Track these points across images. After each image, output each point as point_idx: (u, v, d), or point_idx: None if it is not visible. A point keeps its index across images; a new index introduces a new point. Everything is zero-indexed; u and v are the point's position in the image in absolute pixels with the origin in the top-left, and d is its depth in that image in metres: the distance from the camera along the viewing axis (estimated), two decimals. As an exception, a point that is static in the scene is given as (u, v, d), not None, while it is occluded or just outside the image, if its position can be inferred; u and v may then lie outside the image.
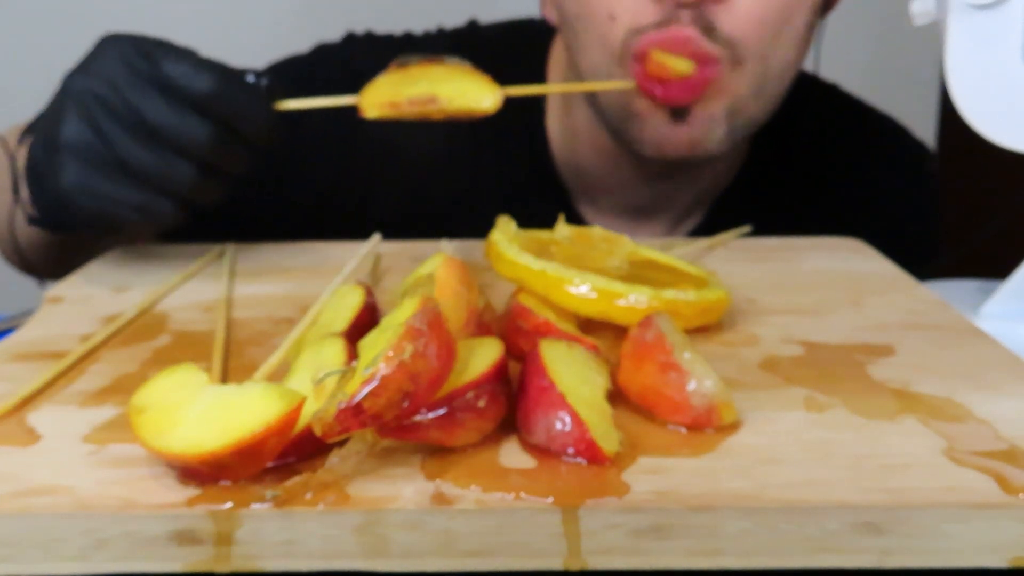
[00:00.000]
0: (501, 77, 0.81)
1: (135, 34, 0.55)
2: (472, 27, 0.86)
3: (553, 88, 0.60)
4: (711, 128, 0.66)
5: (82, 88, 0.53)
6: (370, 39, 0.85)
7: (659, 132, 0.66)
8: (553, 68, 0.80)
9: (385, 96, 0.56)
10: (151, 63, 0.52)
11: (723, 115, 0.66)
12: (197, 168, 0.53)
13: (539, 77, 0.80)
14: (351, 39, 0.85)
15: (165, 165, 0.52)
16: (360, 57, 0.82)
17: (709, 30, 0.62)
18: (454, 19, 0.87)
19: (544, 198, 0.78)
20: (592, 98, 0.69)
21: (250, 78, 0.55)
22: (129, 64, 0.52)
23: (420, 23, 0.88)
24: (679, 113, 0.65)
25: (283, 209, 0.72)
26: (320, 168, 0.62)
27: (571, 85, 0.60)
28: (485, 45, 0.83)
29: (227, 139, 0.53)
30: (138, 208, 0.53)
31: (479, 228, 0.61)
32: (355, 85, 0.80)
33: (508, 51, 0.82)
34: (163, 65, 0.52)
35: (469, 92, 0.55)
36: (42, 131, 0.55)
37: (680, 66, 0.62)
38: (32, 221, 0.59)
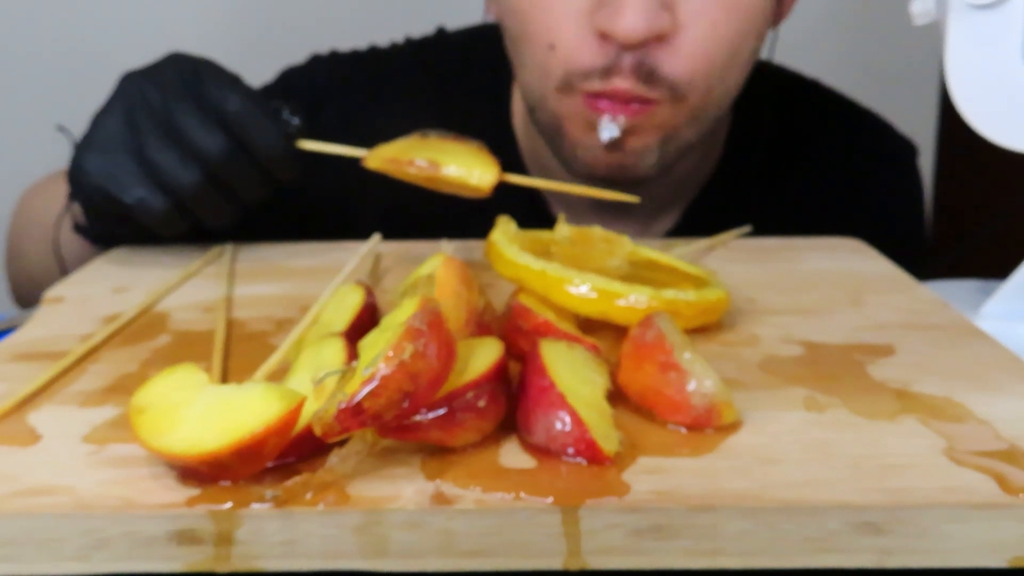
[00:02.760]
0: (467, 83, 0.81)
1: (197, 55, 0.61)
2: (440, 35, 0.86)
3: (551, 185, 0.61)
4: (643, 156, 0.66)
5: (133, 86, 0.59)
6: (334, 57, 0.85)
7: (590, 155, 0.66)
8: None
9: (390, 153, 0.58)
10: (197, 77, 0.58)
11: (657, 145, 0.66)
12: (203, 176, 0.57)
13: (504, 85, 0.81)
14: (315, 59, 0.86)
15: (174, 164, 0.57)
16: (324, 76, 0.83)
17: (650, 76, 0.61)
18: (424, 26, 0.88)
19: (517, 201, 0.78)
20: (532, 114, 0.70)
21: (285, 112, 0.59)
22: (180, 74, 0.58)
23: (390, 31, 0.88)
24: (614, 144, 0.64)
25: (276, 212, 0.72)
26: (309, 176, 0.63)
27: (572, 187, 0.60)
28: (452, 52, 0.83)
29: (239, 157, 0.57)
30: (138, 197, 0.57)
31: (458, 234, 0.61)
32: (320, 104, 0.81)
33: (474, 57, 0.82)
34: (204, 80, 0.58)
35: (469, 168, 0.56)
36: (92, 118, 0.60)
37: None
38: (77, 228, 0.64)
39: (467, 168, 0.56)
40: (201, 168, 0.57)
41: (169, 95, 0.57)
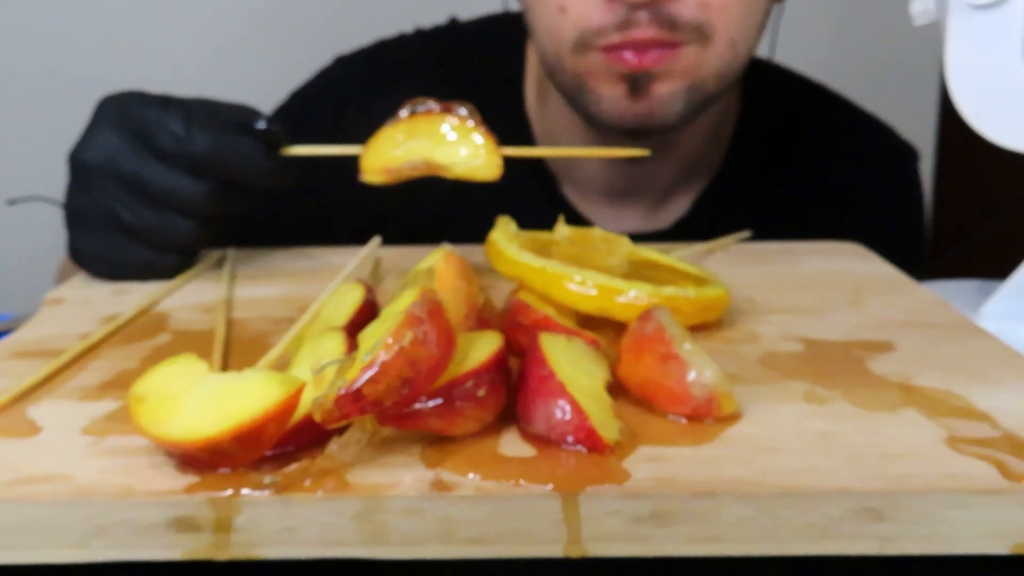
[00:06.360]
0: (480, 73, 0.81)
1: (130, 94, 0.57)
2: (451, 25, 0.87)
3: (551, 152, 0.61)
4: (670, 103, 0.66)
5: (83, 162, 0.56)
6: (341, 61, 0.86)
7: (616, 105, 0.66)
8: (531, 60, 0.80)
9: (384, 161, 0.56)
10: (145, 130, 0.55)
11: (683, 92, 0.66)
12: (199, 222, 0.56)
13: (517, 70, 0.81)
14: (323, 72, 0.86)
15: (166, 225, 0.56)
16: (337, 81, 0.84)
17: (672, 23, 0.62)
18: (437, 17, 0.88)
19: (531, 183, 0.79)
20: (552, 76, 0.70)
21: (260, 124, 0.56)
22: (124, 134, 0.55)
23: (403, 22, 0.89)
24: (637, 87, 0.65)
25: (279, 214, 0.72)
26: (313, 179, 0.63)
27: (574, 150, 0.60)
28: (463, 42, 0.84)
29: (228, 192, 0.56)
30: (143, 265, 0.57)
31: (475, 223, 0.61)
32: (340, 109, 0.80)
33: (486, 47, 0.83)
34: (152, 127, 0.55)
35: (467, 158, 0.55)
36: (64, 209, 0.58)
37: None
38: None
39: (469, 163, 0.55)
40: (195, 217, 0.56)
41: (127, 159, 0.55)
